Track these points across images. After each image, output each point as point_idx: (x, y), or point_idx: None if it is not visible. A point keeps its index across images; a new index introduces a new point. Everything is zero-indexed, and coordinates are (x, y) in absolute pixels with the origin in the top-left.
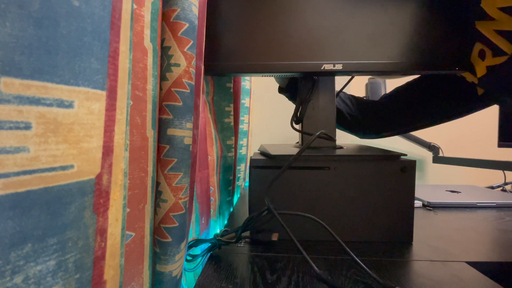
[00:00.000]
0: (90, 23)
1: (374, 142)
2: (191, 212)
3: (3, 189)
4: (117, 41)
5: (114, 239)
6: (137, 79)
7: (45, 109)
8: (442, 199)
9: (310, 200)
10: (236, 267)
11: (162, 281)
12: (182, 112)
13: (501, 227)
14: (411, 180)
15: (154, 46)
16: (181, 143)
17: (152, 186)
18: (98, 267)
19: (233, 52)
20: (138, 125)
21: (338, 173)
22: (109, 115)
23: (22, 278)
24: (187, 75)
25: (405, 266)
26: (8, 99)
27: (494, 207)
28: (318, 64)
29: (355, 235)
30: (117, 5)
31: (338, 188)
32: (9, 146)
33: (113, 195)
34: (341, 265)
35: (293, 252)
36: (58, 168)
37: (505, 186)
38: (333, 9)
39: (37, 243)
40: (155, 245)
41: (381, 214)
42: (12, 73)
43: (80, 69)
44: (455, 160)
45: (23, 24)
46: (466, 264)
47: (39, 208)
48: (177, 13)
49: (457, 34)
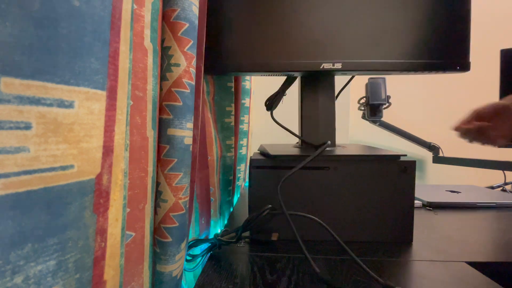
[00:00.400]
0: (90, 23)
1: (374, 142)
2: (191, 212)
3: (3, 189)
4: (117, 41)
5: (114, 239)
6: (137, 79)
7: (45, 109)
8: (442, 199)
9: (310, 200)
10: (236, 267)
11: (162, 281)
12: (182, 112)
13: (501, 227)
14: (411, 180)
15: (154, 46)
16: (181, 143)
17: (152, 186)
18: (98, 267)
19: (233, 51)
20: (138, 125)
21: (338, 173)
22: (109, 115)
23: (22, 278)
24: (187, 75)
25: (405, 266)
26: (8, 99)
27: (494, 207)
28: (317, 63)
29: (355, 235)
30: (117, 5)
31: (338, 188)
32: (9, 146)
33: (113, 195)
34: (341, 265)
35: (293, 252)
36: (58, 168)
37: (505, 186)
38: (333, 9)
39: (37, 243)
40: (155, 245)
41: (381, 214)
42: (12, 73)
43: (80, 69)
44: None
45: (23, 24)
46: (466, 264)
47: (39, 208)
48: (177, 13)
49: (458, 34)
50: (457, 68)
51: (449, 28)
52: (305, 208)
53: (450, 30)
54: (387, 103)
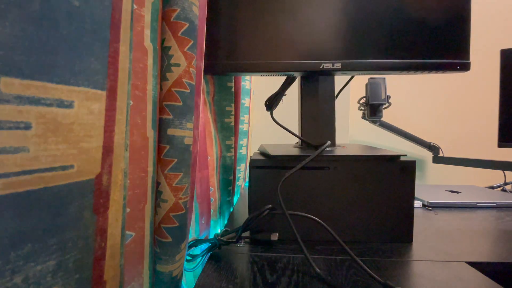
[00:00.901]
0: (90, 23)
1: (374, 142)
2: (191, 212)
3: (3, 189)
4: (117, 41)
5: (114, 239)
6: (137, 79)
7: (45, 109)
8: (442, 199)
9: (310, 200)
10: (236, 267)
11: (162, 281)
12: (182, 112)
13: (501, 227)
14: (411, 180)
15: (154, 46)
16: (181, 143)
17: (152, 186)
18: (98, 267)
19: (233, 51)
20: (138, 125)
21: (338, 173)
22: (109, 115)
23: (22, 278)
24: (187, 75)
25: (405, 266)
26: (8, 99)
27: (494, 207)
28: (317, 63)
29: (355, 235)
30: (117, 5)
31: (338, 188)
32: (9, 146)
33: (113, 195)
34: (341, 265)
35: (293, 252)
36: (58, 168)
37: (505, 186)
38: (333, 9)
39: (37, 243)
40: (155, 245)
41: (381, 214)
42: (12, 73)
43: (80, 69)
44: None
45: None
46: (466, 264)
47: (39, 208)
48: (177, 13)
49: (458, 34)
50: (457, 68)
51: (449, 28)
52: (305, 208)
53: (450, 30)
54: (387, 103)
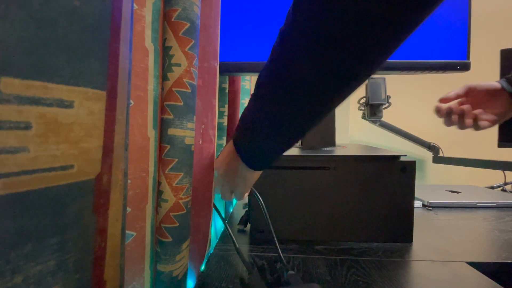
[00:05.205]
0: (90, 23)
1: (374, 142)
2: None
3: (3, 189)
4: (117, 41)
5: (114, 239)
6: (138, 79)
7: (45, 109)
8: (442, 199)
9: (310, 200)
10: (236, 267)
11: (163, 280)
12: (183, 112)
13: (501, 227)
14: (411, 180)
15: (155, 46)
16: (182, 143)
17: (153, 186)
18: (98, 267)
19: (233, 51)
20: (139, 125)
21: (338, 173)
22: (109, 115)
23: (22, 278)
24: (188, 75)
25: (405, 266)
26: (8, 99)
27: (494, 207)
28: None
29: (355, 235)
30: (117, 5)
31: (338, 188)
32: (9, 146)
33: (113, 195)
34: (341, 265)
35: (293, 252)
36: (58, 168)
37: (505, 186)
38: None
39: (37, 243)
40: (156, 245)
41: (381, 214)
42: (12, 73)
43: (80, 69)
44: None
45: (23, 24)
46: (466, 264)
47: (39, 208)
48: (178, 13)
49: (458, 34)
50: (457, 68)
51: (449, 28)
52: (305, 208)
53: (450, 30)
54: (387, 103)
